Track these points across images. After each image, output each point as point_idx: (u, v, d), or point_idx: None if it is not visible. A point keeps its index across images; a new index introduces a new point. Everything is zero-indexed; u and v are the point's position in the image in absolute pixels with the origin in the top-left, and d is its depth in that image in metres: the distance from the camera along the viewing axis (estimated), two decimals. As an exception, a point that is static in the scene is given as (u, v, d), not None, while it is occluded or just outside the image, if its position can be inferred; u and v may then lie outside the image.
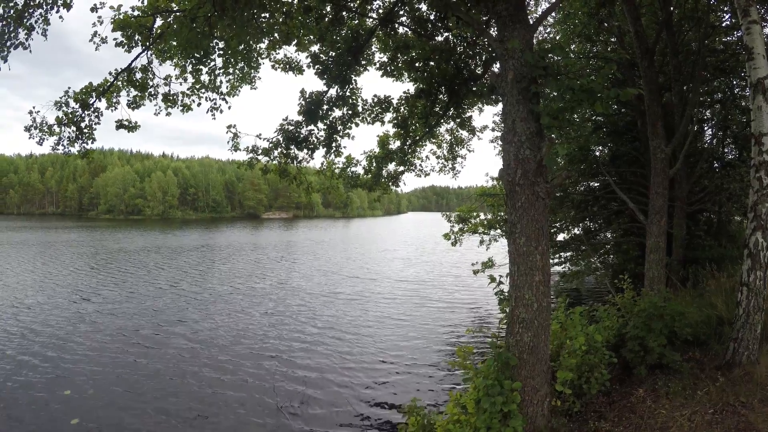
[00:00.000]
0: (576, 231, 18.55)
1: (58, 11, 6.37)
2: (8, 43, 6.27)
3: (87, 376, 12.03)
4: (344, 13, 8.65)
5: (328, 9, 8.44)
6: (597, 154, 17.00)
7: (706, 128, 16.52)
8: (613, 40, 15.64)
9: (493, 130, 17.16)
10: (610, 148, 17.42)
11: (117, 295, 22.20)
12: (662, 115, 10.81)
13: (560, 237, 18.21)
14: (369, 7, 9.29)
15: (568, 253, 18.33)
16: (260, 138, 9.74)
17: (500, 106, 13.51)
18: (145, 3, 8.18)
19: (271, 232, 75.93)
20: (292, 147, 9.87)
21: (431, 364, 13.26)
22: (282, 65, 10.05)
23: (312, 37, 8.91)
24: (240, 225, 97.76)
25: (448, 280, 28.00)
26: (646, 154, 13.74)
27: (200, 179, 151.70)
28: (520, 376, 5.75)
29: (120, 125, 8.48)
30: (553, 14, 14.89)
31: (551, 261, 12.56)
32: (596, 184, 17.55)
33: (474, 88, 9.48)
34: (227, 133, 9.25)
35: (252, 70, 9.21)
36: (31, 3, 6.08)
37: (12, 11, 6.05)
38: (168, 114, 9.12)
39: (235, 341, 15.13)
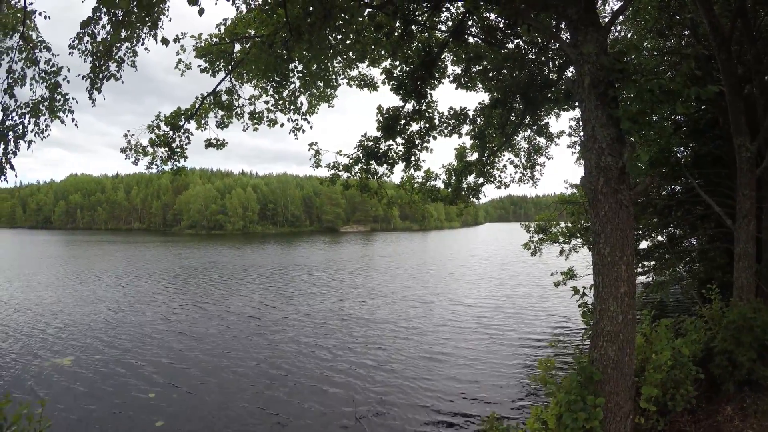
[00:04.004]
0: (660, 238, 17.64)
1: (143, 44, 6.81)
2: (101, 75, 6.87)
3: (170, 382, 12.78)
4: (413, 27, 8.76)
5: (397, 24, 8.60)
6: (678, 156, 16.12)
7: (791, 120, 15.27)
8: (686, 33, 14.85)
9: (570, 135, 16.76)
10: (692, 149, 16.46)
11: (199, 308, 23.40)
12: (745, 109, 10.15)
13: (643, 245, 17.38)
14: (437, 20, 9.37)
15: (652, 263, 17.45)
16: (340, 154, 10.02)
17: (577, 110, 13.25)
18: (223, 30, 8.75)
19: (349, 246, 77.23)
20: (372, 162, 10.05)
21: (511, 378, 13.03)
22: (357, 82, 10.34)
23: (384, 52, 9.10)
24: (318, 239, 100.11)
25: (526, 296, 27.05)
26: (730, 153, 12.85)
27: (279, 195, 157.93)
28: (603, 391, 5.57)
29: (209, 144, 9.17)
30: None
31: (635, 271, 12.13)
32: (679, 188, 16.63)
33: (549, 95, 9.31)
34: (309, 150, 9.68)
35: (330, 89, 9.56)
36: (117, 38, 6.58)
37: (101, 47, 6.59)
38: (255, 129, 9.75)
39: (314, 353, 15.47)
